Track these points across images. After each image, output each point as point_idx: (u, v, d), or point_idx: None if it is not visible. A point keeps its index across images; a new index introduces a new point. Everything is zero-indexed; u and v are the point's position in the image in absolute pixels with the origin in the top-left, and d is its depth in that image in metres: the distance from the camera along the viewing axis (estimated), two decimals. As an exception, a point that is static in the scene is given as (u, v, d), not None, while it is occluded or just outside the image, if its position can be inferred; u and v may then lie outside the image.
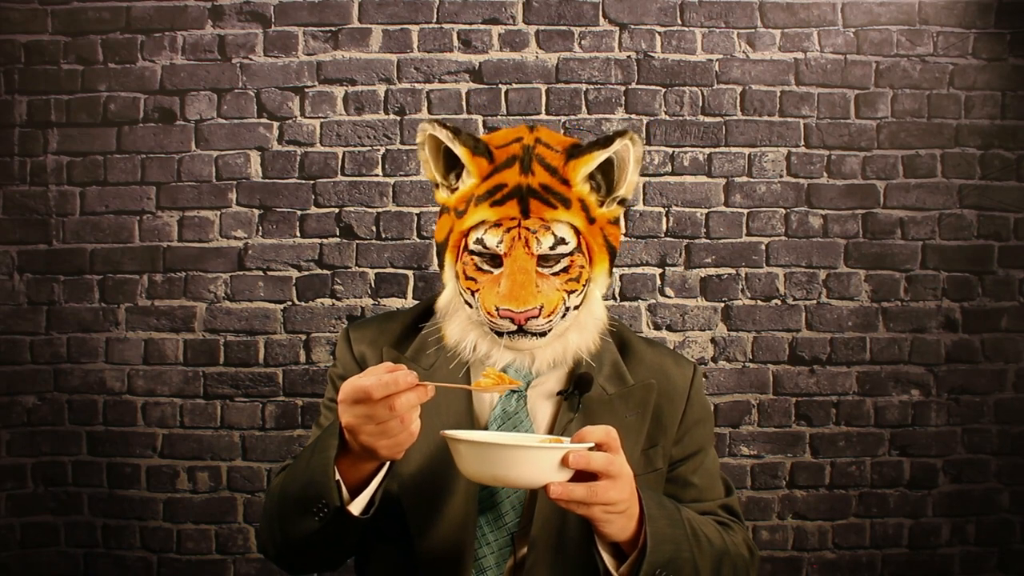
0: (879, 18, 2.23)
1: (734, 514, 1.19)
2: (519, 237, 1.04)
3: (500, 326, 1.04)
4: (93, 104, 2.21)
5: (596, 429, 0.92)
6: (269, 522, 1.07)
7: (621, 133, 1.07)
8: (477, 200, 1.07)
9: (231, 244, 2.22)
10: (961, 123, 2.24)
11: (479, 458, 0.89)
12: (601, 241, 1.11)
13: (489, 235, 1.05)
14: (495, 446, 0.89)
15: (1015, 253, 2.24)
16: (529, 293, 1.02)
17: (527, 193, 1.05)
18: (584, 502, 0.88)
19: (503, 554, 1.08)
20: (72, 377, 2.21)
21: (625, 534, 0.95)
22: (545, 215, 1.05)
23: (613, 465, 0.90)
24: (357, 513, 0.95)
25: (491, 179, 1.07)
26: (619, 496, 0.90)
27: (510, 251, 1.04)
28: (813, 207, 2.24)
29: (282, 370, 2.21)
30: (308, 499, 0.95)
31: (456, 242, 1.09)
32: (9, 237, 2.21)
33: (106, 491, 2.20)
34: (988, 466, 2.23)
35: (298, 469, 1.00)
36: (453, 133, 1.08)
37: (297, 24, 2.21)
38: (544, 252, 1.05)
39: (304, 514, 0.96)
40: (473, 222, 1.06)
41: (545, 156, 1.08)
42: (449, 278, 1.12)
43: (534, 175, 1.06)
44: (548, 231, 1.05)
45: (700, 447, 1.18)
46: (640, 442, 1.13)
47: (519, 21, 2.22)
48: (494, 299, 1.04)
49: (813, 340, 2.22)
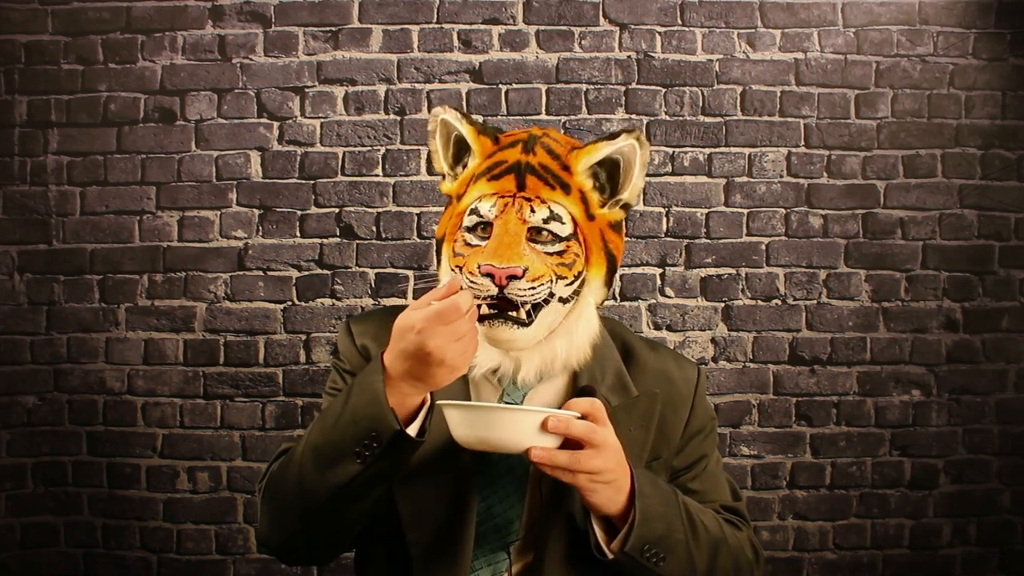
0: (879, 18, 2.23)
1: (739, 516, 1.16)
2: (512, 203, 1.02)
3: (480, 286, 0.98)
4: (93, 104, 2.22)
5: (583, 400, 0.92)
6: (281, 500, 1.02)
7: (629, 131, 1.06)
8: (476, 177, 1.06)
9: (231, 244, 2.22)
10: (961, 123, 2.24)
11: (466, 421, 0.91)
12: (600, 243, 1.07)
13: (483, 202, 1.03)
14: (480, 408, 0.92)
15: (1015, 253, 2.24)
16: (515, 252, 0.98)
17: (525, 169, 1.04)
18: (568, 468, 0.90)
19: (500, 567, 1.07)
20: (72, 377, 2.21)
21: (614, 507, 0.95)
22: (542, 193, 1.03)
23: (596, 434, 0.90)
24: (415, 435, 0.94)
25: (493, 157, 1.07)
26: (603, 465, 0.91)
27: (501, 215, 1.01)
28: (813, 207, 2.23)
29: (282, 370, 2.21)
30: (351, 441, 0.93)
31: (454, 227, 1.07)
32: (9, 237, 2.21)
33: (106, 491, 2.20)
34: (989, 466, 2.22)
35: (329, 422, 0.97)
36: (462, 115, 1.09)
37: (297, 24, 2.22)
38: (536, 224, 1.01)
39: (342, 460, 0.93)
40: (471, 199, 1.05)
41: (550, 144, 1.07)
42: (444, 271, 1.09)
43: (535, 155, 1.05)
44: (544, 204, 1.02)
45: (703, 455, 1.17)
46: (644, 456, 1.09)
47: (519, 21, 2.22)
48: (477, 259, 1.00)
49: (813, 340, 2.22)
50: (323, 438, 0.97)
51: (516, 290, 0.98)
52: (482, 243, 1.02)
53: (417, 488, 1.06)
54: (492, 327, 1.01)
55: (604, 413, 0.93)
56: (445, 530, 1.05)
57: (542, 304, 1.01)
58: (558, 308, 1.04)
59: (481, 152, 1.08)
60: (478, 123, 1.09)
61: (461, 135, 1.09)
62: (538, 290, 1.00)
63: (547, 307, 1.02)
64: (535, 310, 1.01)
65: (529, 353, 1.05)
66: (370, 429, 0.91)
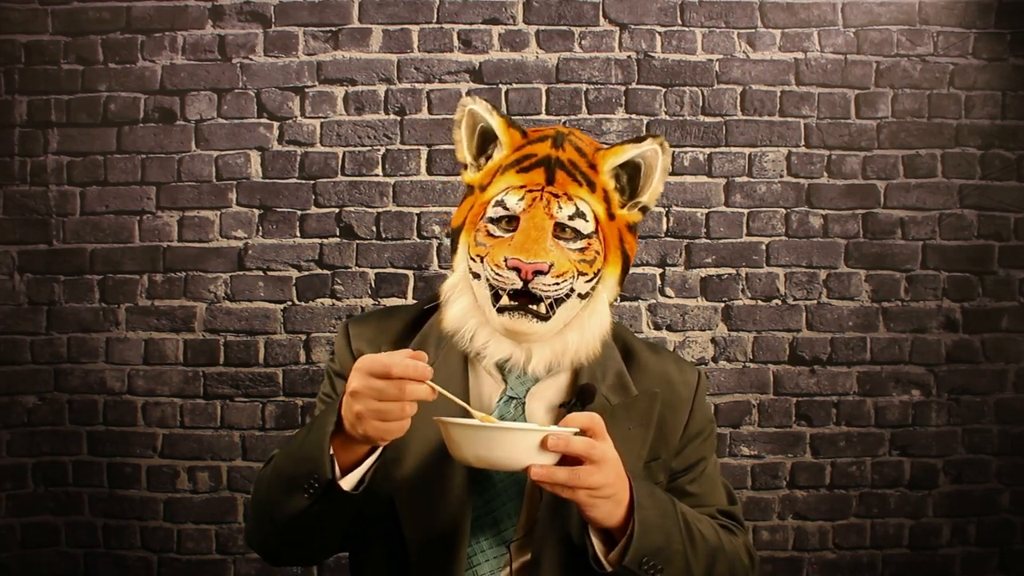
0: (879, 18, 2.23)
1: (735, 521, 1.17)
2: (541, 198, 1.03)
3: (505, 279, 1.01)
4: (93, 104, 2.22)
5: (581, 415, 0.92)
6: (258, 508, 1.06)
7: (654, 136, 1.09)
8: (504, 169, 1.07)
9: (231, 244, 2.22)
10: (961, 123, 2.24)
11: (465, 439, 0.90)
12: (617, 243, 1.10)
13: (511, 195, 1.04)
14: (479, 427, 0.90)
15: (1015, 253, 2.24)
16: (541, 247, 1.00)
17: (555, 164, 1.05)
18: (567, 485, 0.89)
19: (498, 563, 1.07)
20: (72, 377, 2.21)
21: (613, 520, 0.95)
22: (570, 189, 1.05)
23: (595, 450, 0.90)
24: (348, 488, 0.95)
25: (522, 150, 1.08)
26: (603, 480, 0.90)
27: (529, 208, 1.03)
28: (813, 207, 2.23)
29: (282, 370, 2.21)
30: (300, 475, 0.95)
31: (476, 216, 1.08)
32: (9, 237, 2.21)
33: (106, 491, 2.20)
34: (989, 466, 2.22)
35: (293, 448, 1.00)
36: (492, 106, 1.10)
37: (297, 24, 2.21)
38: (563, 220, 1.03)
39: (295, 491, 0.95)
40: (497, 190, 1.06)
41: (577, 142, 1.09)
42: (460, 259, 1.10)
43: (564, 151, 1.07)
44: (571, 200, 1.04)
45: (701, 457, 1.17)
46: (643, 455, 1.10)
47: (519, 21, 2.22)
48: (503, 251, 1.02)
49: (813, 340, 2.22)
50: (284, 464, 1.00)
51: (541, 285, 1.01)
52: (506, 235, 1.04)
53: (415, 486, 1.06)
54: (512, 318, 1.03)
55: (603, 427, 0.92)
56: (442, 527, 1.05)
57: (563, 299, 1.04)
58: (576, 303, 1.06)
59: (510, 144, 1.09)
60: (507, 117, 1.11)
61: (487, 127, 1.11)
62: (561, 286, 1.02)
63: (567, 302, 1.04)
64: (556, 304, 1.04)
65: (541, 345, 1.07)
66: (312, 472, 0.94)
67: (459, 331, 1.09)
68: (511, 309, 1.03)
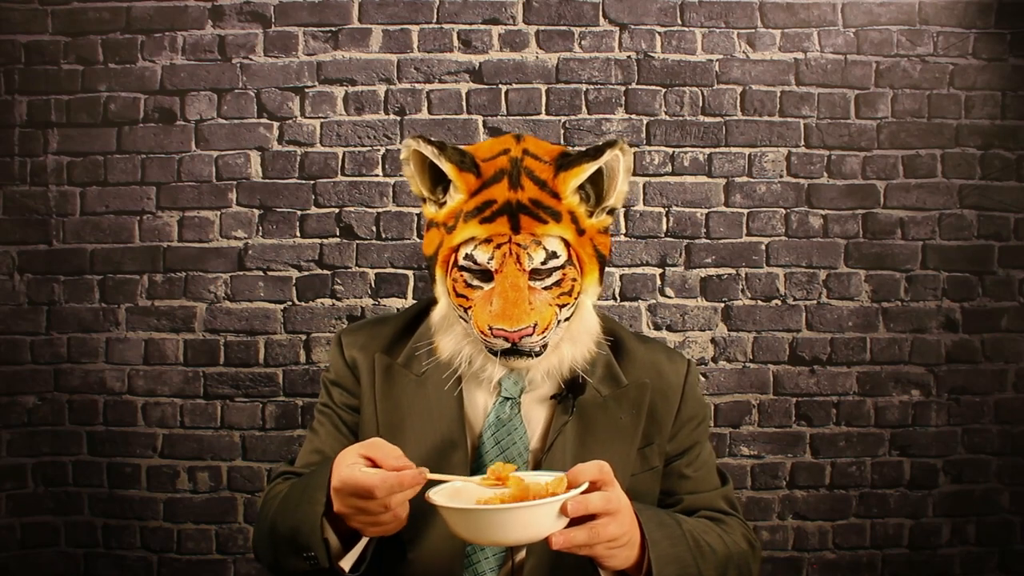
0: (879, 18, 2.23)
1: (731, 504, 1.19)
2: (510, 253, 1.02)
3: (494, 344, 1.03)
4: (93, 104, 2.22)
5: (588, 467, 0.90)
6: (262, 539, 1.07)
7: (611, 144, 1.06)
8: (466, 216, 1.05)
9: (231, 244, 2.22)
10: (961, 123, 2.24)
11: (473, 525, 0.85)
12: (591, 251, 1.09)
13: (479, 251, 1.03)
14: (488, 512, 0.83)
15: (1015, 253, 2.24)
16: (522, 311, 1.01)
17: (517, 209, 1.03)
18: (587, 544, 0.87)
19: (497, 560, 1.08)
20: (72, 377, 2.21)
21: (629, 563, 0.95)
22: (536, 230, 1.03)
23: (611, 503, 0.89)
24: (348, 568, 0.96)
25: (480, 195, 1.05)
26: (620, 531, 0.90)
27: (501, 267, 1.02)
28: (813, 207, 2.23)
29: (282, 370, 2.21)
30: (298, 544, 0.95)
31: (446, 257, 1.08)
32: (9, 237, 2.21)
33: (106, 491, 2.20)
34: (988, 466, 2.23)
35: (289, 507, 1.00)
36: (439, 149, 1.05)
37: (297, 24, 2.21)
38: (536, 267, 1.03)
39: (294, 554, 0.96)
40: (462, 238, 1.05)
41: (534, 169, 1.06)
42: (441, 293, 1.11)
43: (523, 190, 1.04)
44: (539, 246, 1.03)
45: (695, 442, 1.19)
46: (636, 442, 1.13)
47: (519, 21, 2.22)
48: (487, 318, 1.02)
49: (813, 340, 2.22)
50: (280, 525, 1.01)
51: (528, 343, 1.03)
52: (484, 286, 1.04)
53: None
54: (508, 360, 1.05)
55: (611, 473, 0.91)
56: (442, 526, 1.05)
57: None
58: (563, 327, 1.08)
59: (466, 189, 1.06)
60: (455, 156, 1.06)
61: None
62: (547, 336, 1.04)
63: (555, 329, 1.06)
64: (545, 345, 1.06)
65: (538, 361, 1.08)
66: (307, 547, 0.94)
67: (456, 357, 1.11)
68: (507, 353, 1.04)
